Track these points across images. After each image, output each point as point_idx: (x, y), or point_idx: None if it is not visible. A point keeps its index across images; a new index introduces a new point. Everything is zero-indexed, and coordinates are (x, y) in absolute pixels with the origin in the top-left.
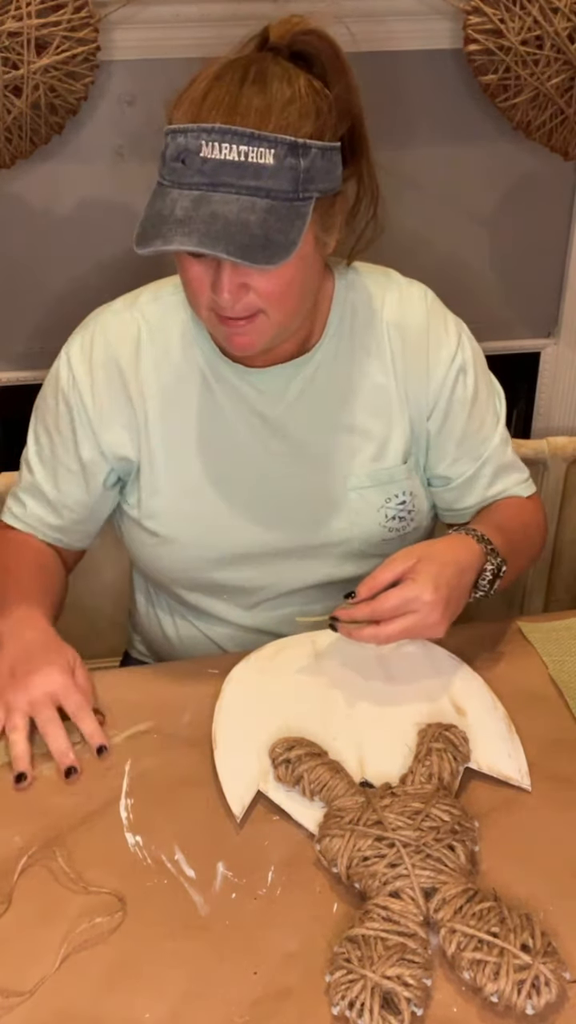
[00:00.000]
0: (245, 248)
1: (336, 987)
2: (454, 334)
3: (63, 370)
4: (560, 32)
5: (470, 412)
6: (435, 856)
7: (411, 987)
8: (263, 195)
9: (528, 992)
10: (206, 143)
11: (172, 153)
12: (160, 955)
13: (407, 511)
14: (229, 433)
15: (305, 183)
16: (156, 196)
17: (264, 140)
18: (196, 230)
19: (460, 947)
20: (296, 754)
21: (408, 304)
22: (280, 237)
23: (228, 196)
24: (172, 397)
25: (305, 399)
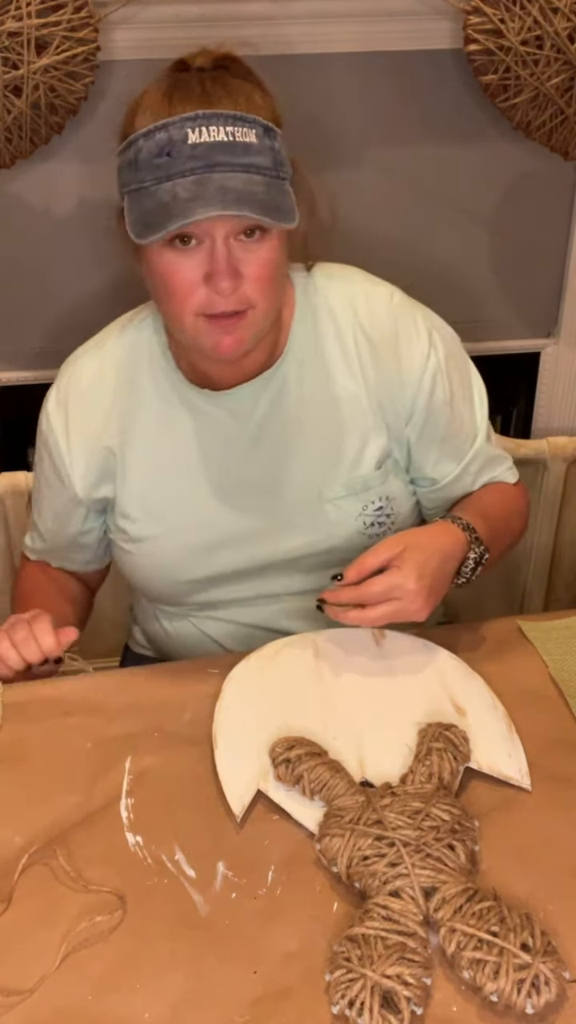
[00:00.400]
0: (265, 208)
1: (336, 986)
2: (424, 333)
3: (43, 422)
4: (560, 32)
5: (450, 413)
6: (435, 855)
7: (411, 986)
8: (255, 171)
9: (528, 991)
10: (192, 130)
11: (151, 152)
12: (160, 954)
13: (385, 515)
14: (203, 458)
15: (281, 166)
16: (143, 197)
17: (245, 120)
18: (213, 199)
19: (460, 946)
20: (296, 753)
21: (373, 308)
22: (285, 203)
23: (227, 173)
24: (146, 431)
25: (275, 415)
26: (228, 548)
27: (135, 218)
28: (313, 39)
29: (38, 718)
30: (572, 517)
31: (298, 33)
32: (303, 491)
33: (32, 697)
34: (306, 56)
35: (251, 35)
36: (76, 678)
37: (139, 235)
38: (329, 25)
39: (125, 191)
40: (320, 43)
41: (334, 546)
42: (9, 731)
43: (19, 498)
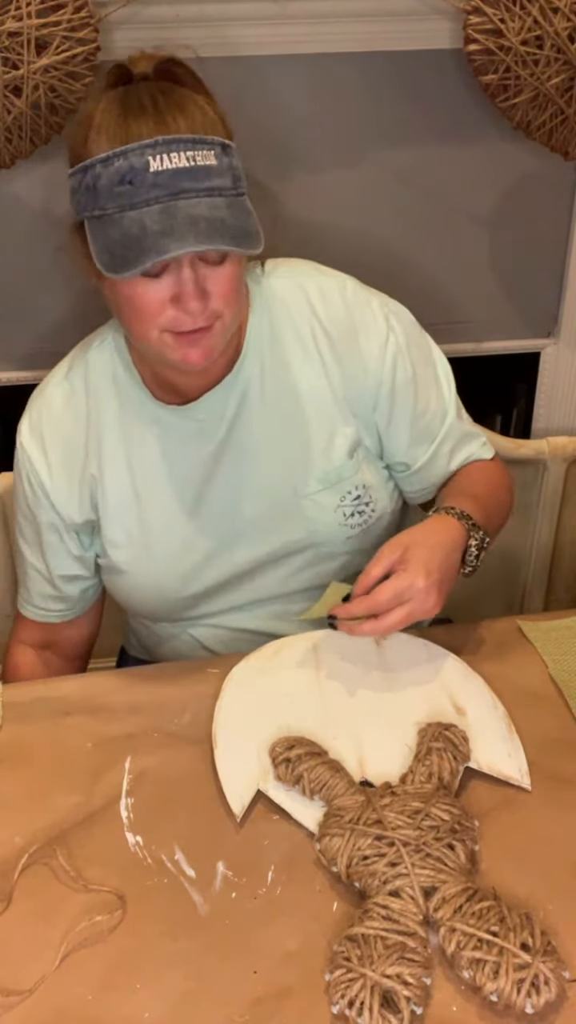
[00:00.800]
0: (235, 238)
1: (336, 986)
2: (381, 319)
3: (19, 453)
4: (560, 32)
5: (415, 393)
6: (435, 855)
7: (411, 986)
8: (217, 194)
9: (528, 991)
10: (152, 157)
11: (111, 180)
12: (160, 954)
13: (364, 504)
14: (176, 473)
15: (239, 179)
16: (107, 226)
17: (204, 142)
18: (186, 233)
19: (460, 946)
20: (296, 753)
21: (328, 300)
22: (249, 226)
23: (191, 200)
24: (117, 451)
25: (242, 418)
26: (213, 560)
27: (101, 247)
28: (313, 39)
29: (38, 718)
30: (572, 517)
31: (298, 33)
32: (278, 490)
33: (32, 697)
34: (306, 56)
35: (251, 35)
36: (76, 678)
37: (110, 268)
38: (329, 25)
39: (85, 215)
40: (320, 43)
41: (317, 541)
42: (9, 731)
43: None
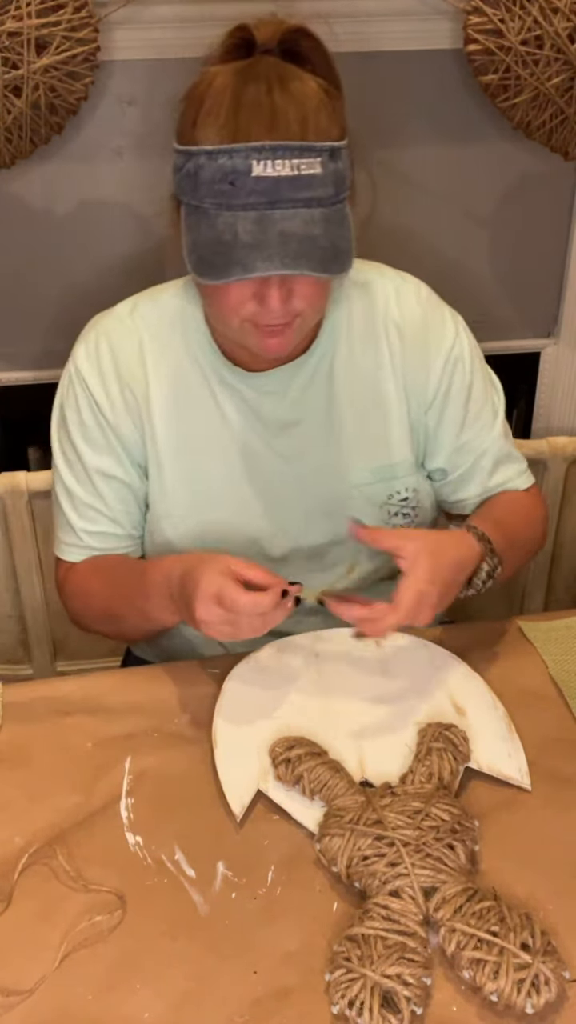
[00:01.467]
0: (322, 261)
1: (336, 986)
2: (451, 326)
3: (74, 379)
4: (560, 32)
5: (467, 403)
6: (435, 855)
7: (411, 986)
8: (315, 204)
9: (528, 991)
10: (257, 161)
11: (214, 175)
12: (160, 954)
13: (411, 507)
14: (232, 436)
15: (342, 185)
16: (201, 221)
17: (312, 150)
18: (275, 253)
19: (460, 946)
20: (296, 753)
21: (404, 300)
22: (342, 243)
23: (287, 211)
24: (175, 402)
25: (305, 398)
26: (256, 531)
27: (192, 244)
28: None
29: (38, 718)
30: (572, 517)
31: None
32: (330, 476)
33: (32, 697)
34: None
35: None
36: (76, 678)
37: (196, 270)
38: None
39: (182, 199)
40: None
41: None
42: (9, 731)
43: (19, 498)
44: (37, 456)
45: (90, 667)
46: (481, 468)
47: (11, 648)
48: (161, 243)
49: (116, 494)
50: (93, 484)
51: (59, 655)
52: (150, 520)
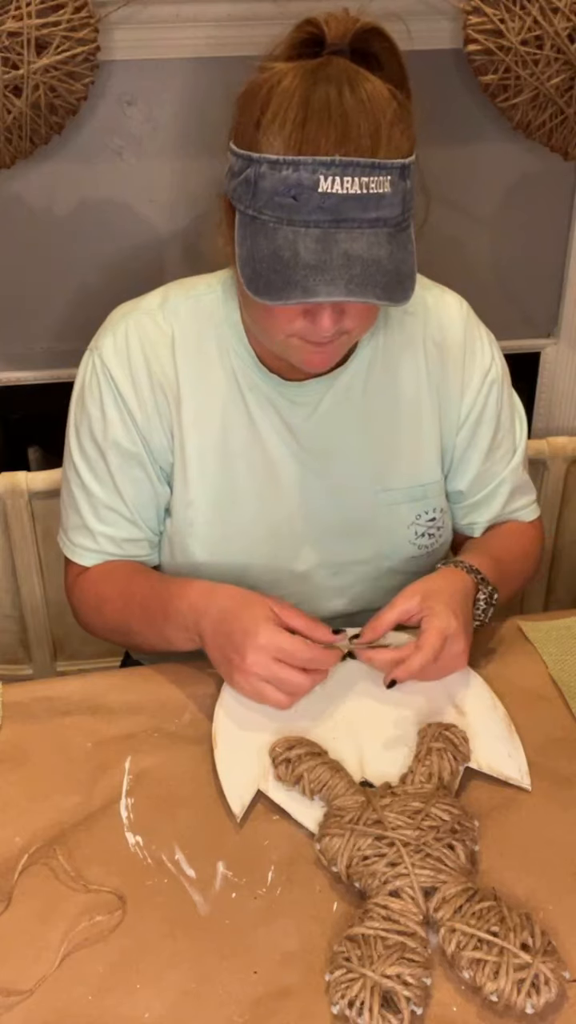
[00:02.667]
0: (387, 288)
1: (336, 986)
2: (488, 347)
3: (99, 373)
4: (560, 32)
5: (496, 428)
6: (435, 855)
7: (411, 986)
8: (382, 225)
9: (528, 991)
10: (324, 177)
11: (277, 187)
12: (160, 954)
13: (436, 528)
14: (261, 443)
15: (409, 203)
16: (259, 233)
17: (383, 168)
18: (338, 277)
19: (460, 946)
20: (296, 753)
21: (446, 316)
22: (406, 267)
23: (353, 232)
24: (205, 403)
25: (338, 412)
26: (278, 543)
27: (247, 256)
28: None
29: (38, 718)
30: (572, 517)
31: None
32: (359, 491)
33: (32, 697)
34: None
35: (251, 35)
36: (76, 678)
37: (251, 286)
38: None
39: (238, 206)
40: None
41: (383, 552)
42: (9, 731)
43: (19, 498)
44: (37, 456)
45: (90, 667)
46: (499, 495)
47: (11, 648)
48: (161, 243)
49: (139, 497)
50: (115, 484)
51: (59, 655)
52: (170, 529)
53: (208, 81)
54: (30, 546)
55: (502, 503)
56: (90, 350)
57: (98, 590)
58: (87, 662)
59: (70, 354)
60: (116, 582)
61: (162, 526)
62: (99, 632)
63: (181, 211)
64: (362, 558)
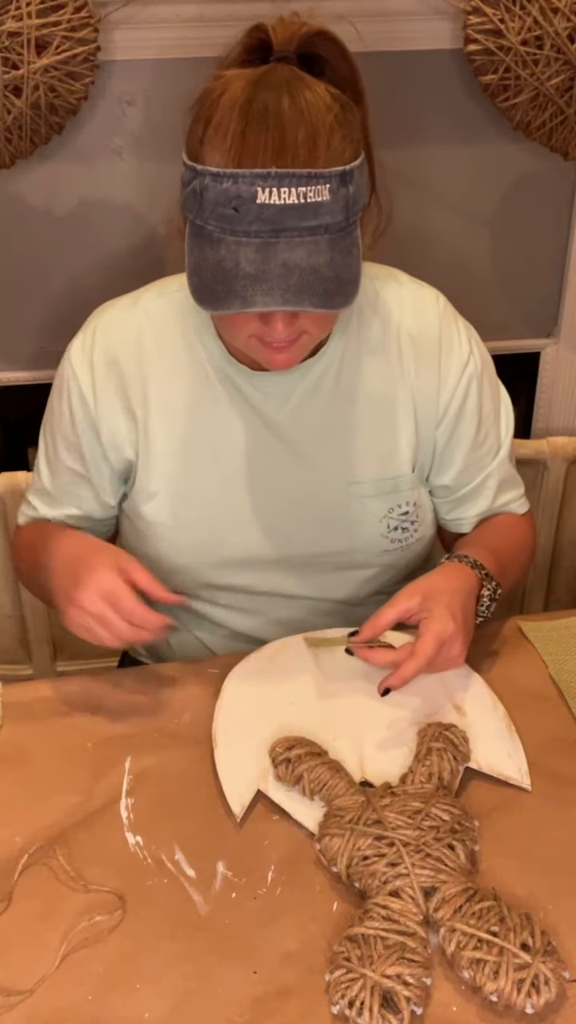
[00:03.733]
0: (325, 295)
1: (336, 986)
2: (466, 341)
3: (65, 369)
4: (560, 32)
5: (479, 422)
6: (435, 855)
7: (411, 986)
8: (322, 232)
9: (528, 991)
10: (262, 189)
11: (219, 198)
12: (160, 954)
13: (410, 522)
14: (231, 434)
15: (353, 208)
16: (205, 243)
17: (320, 177)
18: (276, 287)
19: (460, 946)
20: (296, 753)
21: (420, 310)
22: (347, 273)
23: (292, 240)
24: (173, 396)
25: (309, 404)
26: (249, 533)
27: (194, 266)
28: None
29: (38, 718)
30: (572, 517)
31: None
32: (329, 485)
33: (32, 697)
34: None
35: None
36: (76, 678)
37: (196, 295)
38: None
39: (188, 216)
40: None
41: (355, 547)
42: (9, 731)
43: (19, 498)
44: None
45: (90, 667)
46: (487, 489)
47: (11, 648)
48: (161, 243)
49: (75, 486)
50: (61, 473)
51: (59, 655)
52: (135, 519)
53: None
54: None
55: (491, 497)
56: (67, 348)
57: (25, 542)
58: (87, 662)
59: None
60: (36, 535)
61: (98, 525)
62: (26, 584)
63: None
64: (334, 550)
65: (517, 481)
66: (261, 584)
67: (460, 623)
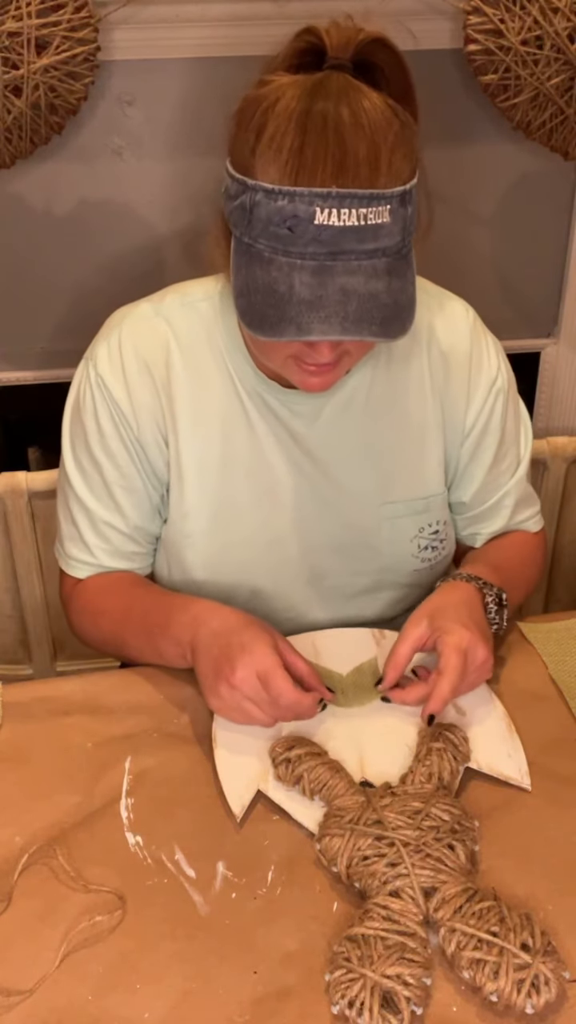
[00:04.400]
0: (384, 323)
1: (336, 986)
2: (495, 357)
3: (93, 384)
4: (560, 32)
5: (501, 439)
6: (435, 856)
7: (411, 986)
8: (380, 255)
9: (528, 991)
10: (320, 209)
11: (272, 216)
12: (160, 954)
13: (440, 540)
14: (262, 451)
15: (410, 228)
16: (254, 263)
17: (381, 199)
18: (333, 314)
19: (460, 946)
20: (296, 753)
21: (451, 323)
22: (404, 298)
23: (350, 264)
24: (203, 412)
25: (340, 421)
26: (279, 553)
27: (242, 286)
28: None
29: (38, 718)
30: (572, 517)
31: None
32: (360, 504)
33: (32, 697)
34: None
35: (251, 35)
36: (76, 678)
37: (245, 318)
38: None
39: (234, 231)
40: None
41: (385, 566)
42: (9, 731)
43: (19, 498)
44: (37, 456)
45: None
46: (503, 507)
47: (11, 648)
48: (161, 243)
49: (136, 511)
50: (113, 499)
51: (59, 655)
52: (166, 539)
53: (208, 81)
54: (30, 546)
55: (507, 516)
56: (85, 359)
57: (96, 603)
58: (87, 662)
59: (70, 354)
60: (115, 595)
61: (157, 534)
62: (93, 643)
63: (181, 211)
64: (364, 571)
65: (534, 499)
66: (290, 607)
67: (475, 630)
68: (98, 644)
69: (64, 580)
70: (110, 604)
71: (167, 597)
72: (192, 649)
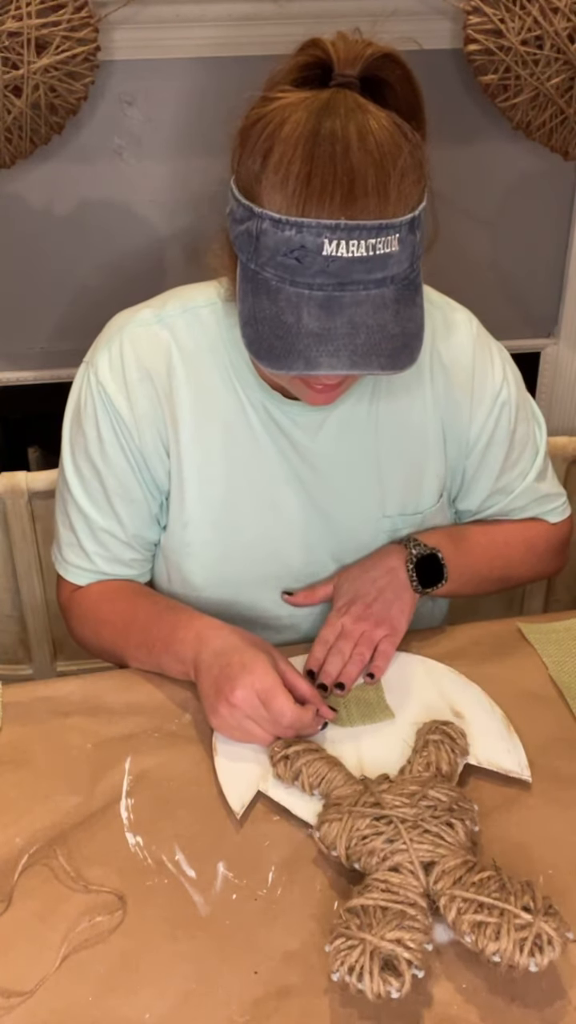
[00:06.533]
0: (392, 355)
1: (336, 954)
2: (499, 368)
3: (94, 391)
4: (560, 32)
5: (508, 448)
6: (433, 831)
7: (411, 950)
8: (388, 283)
9: (531, 950)
10: (328, 241)
11: (279, 246)
12: (160, 955)
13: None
14: (263, 461)
15: (418, 252)
16: (261, 291)
17: (391, 228)
18: (342, 348)
19: (460, 911)
20: (294, 750)
21: (453, 335)
22: (412, 326)
23: (358, 294)
24: (205, 420)
25: (339, 435)
26: (278, 564)
27: (249, 315)
28: None
29: (38, 718)
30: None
31: (298, 33)
32: (358, 515)
33: (32, 697)
34: None
35: (251, 35)
36: (76, 678)
37: (252, 348)
38: (329, 25)
39: (240, 256)
40: None
41: None
42: (9, 731)
43: (19, 498)
44: (37, 456)
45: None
46: (511, 511)
47: (11, 648)
48: (161, 243)
49: (135, 519)
50: (112, 507)
51: (59, 655)
52: (166, 547)
53: (208, 81)
54: (30, 546)
55: (516, 516)
56: (85, 363)
57: (98, 612)
58: (87, 662)
59: (70, 354)
60: (117, 605)
61: (158, 546)
62: (93, 651)
63: (181, 211)
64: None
65: (550, 497)
66: (287, 617)
67: (366, 602)
68: (98, 652)
69: (62, 586)
70: (112, 614)
71: (170, 611)
72: (195, 667)
